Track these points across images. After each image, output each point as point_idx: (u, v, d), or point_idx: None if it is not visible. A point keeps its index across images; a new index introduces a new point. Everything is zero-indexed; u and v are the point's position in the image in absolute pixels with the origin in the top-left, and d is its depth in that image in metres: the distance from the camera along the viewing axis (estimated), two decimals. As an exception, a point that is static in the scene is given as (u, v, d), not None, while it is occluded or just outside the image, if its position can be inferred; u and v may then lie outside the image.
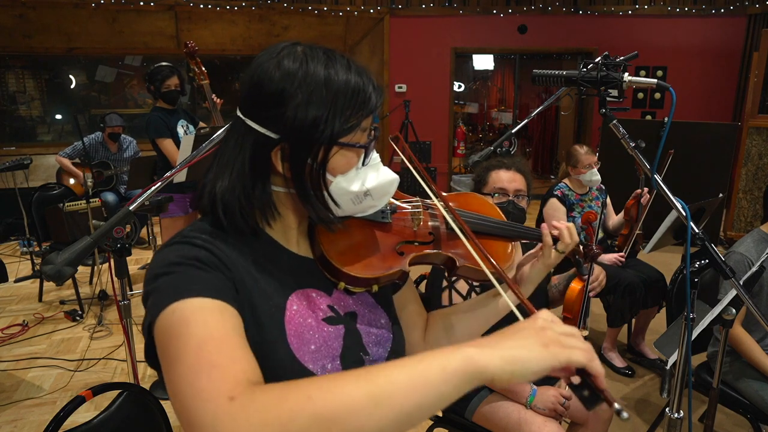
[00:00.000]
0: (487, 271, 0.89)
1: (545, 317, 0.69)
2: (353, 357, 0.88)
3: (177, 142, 3.37)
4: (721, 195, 3.10)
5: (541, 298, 1.92)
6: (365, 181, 0.84)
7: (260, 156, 0.81)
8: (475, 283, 1.69)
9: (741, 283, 1.30)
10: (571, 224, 1.02)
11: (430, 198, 0.99)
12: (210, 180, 0.83)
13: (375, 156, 0.86)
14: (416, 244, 0.94)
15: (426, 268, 1.42)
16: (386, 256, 0.90)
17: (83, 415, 1.21)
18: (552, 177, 9.62)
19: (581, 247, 1.09)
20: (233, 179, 0.81)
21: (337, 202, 0.83)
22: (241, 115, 0.82)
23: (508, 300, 0.83)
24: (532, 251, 1.06)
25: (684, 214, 1.14)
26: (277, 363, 0.79)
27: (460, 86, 10.61)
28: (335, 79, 0.79)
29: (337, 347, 0.87)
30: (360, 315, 0.93)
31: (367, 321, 0.93)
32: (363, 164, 0.84)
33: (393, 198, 0.96)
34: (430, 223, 0.98)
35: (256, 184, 0.82)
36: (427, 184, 0.96)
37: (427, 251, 0.94)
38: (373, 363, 0.91)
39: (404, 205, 0.99)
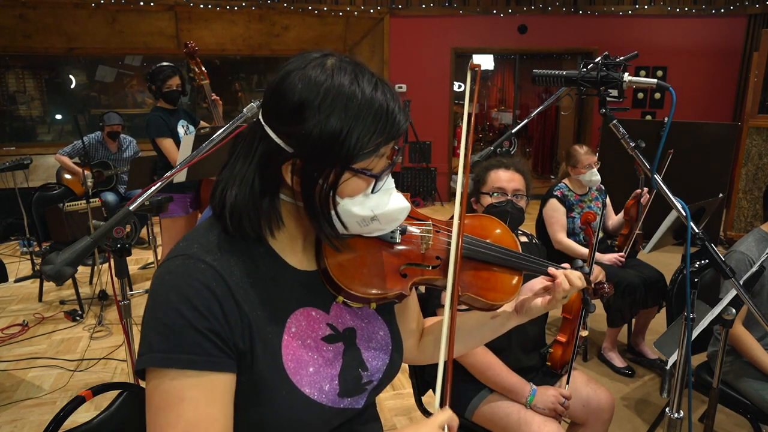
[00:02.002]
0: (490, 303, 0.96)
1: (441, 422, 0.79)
2: (351, 374, 0.89)
3: (177, 142, 3.37)
4: (721, 195, 3.10)
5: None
6: (374, 206, 0.81)
7: (271, 166, 0.79)
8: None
9: (741, 283, 1.30)
10: (574, 272, 1.03)
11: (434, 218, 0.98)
12: (223, 179, 0.82)
13: (389, 181, 0.83)
14: (421, 267, 0.92)
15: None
16: (389, 277, 0.88)
17: (83, 415, 1.21)
18: (552, 177, 9.62)
19: (592, 285, 1.10)
20: (243, 186, 0.80)
21: (344, 222, 0.81)
22: (261, 119, 0.80)
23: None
24: (539, 286, 1.05)
25: (684, 214, 1.14)
26: (274, 391, 0.80)
27: (460, 86, 10.60)
28: (358, 95, 0.75)
29: (336, 366, 0.87)
30: (358, 330, 0.92)
31: (366, 336, 0.93)
32: (372, 191, 0.80)
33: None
34: (439, 247, 0.95)
35: (264, 194, 0.80)
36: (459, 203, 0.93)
37: (431, 276, 0.92)
38: (371, 378, 0.92)
39: (415, 227, 0.95)
